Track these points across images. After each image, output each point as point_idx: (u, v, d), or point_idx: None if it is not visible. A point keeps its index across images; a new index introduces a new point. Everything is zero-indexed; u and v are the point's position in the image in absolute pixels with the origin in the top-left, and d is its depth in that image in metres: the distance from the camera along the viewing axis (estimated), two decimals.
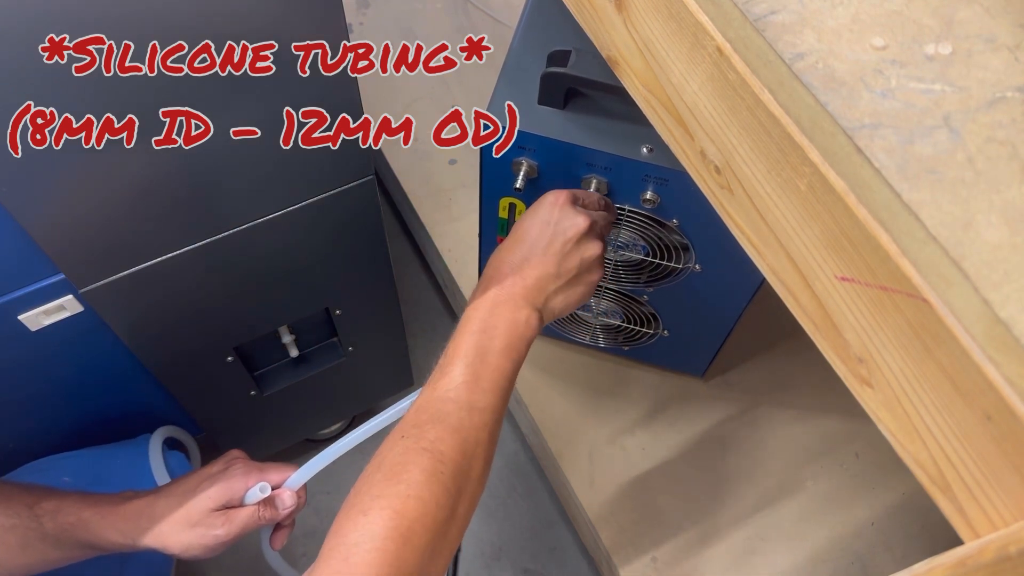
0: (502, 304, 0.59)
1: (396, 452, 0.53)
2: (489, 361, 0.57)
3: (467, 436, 0.54)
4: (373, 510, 0.49)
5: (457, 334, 0.59)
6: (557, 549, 1.16)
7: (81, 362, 0.80)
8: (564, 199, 0.64)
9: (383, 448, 0.54)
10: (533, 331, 0.60)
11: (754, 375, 1.09)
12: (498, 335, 0.58)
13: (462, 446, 0.54)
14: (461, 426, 0.54)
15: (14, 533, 0.66)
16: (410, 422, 0.55)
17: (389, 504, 0.49)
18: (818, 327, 0.41)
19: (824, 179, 0.37)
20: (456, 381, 0.56)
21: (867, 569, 0.96)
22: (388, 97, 1.32)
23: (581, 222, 0.63)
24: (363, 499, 0.51)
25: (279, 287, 0.83)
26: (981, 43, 0.38)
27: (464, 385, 0.56)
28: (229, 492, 0.70)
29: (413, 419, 0.55)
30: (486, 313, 0.59)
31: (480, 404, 0.56)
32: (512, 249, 0.63)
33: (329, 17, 0.59)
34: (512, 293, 0.60)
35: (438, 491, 0.51)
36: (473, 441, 0.55)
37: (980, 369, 0.31)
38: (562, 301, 0.63)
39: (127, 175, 0.62)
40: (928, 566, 0.34)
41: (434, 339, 1.32)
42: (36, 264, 0.65)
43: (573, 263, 0.63)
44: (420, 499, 0.50)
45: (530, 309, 0.60)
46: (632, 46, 0.49)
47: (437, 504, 0.51)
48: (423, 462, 0.52)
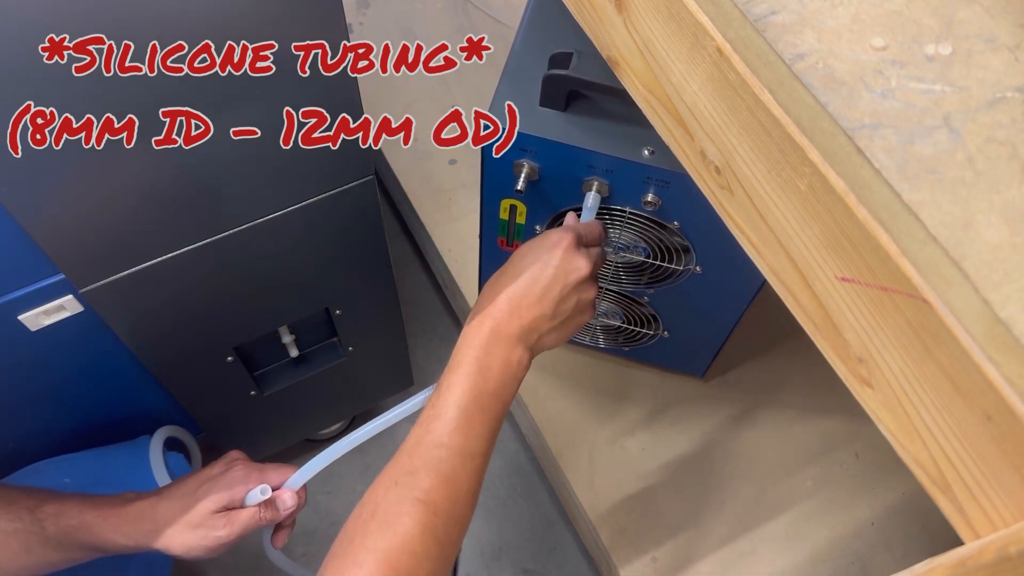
0: (497, 343, 0.60)
1: (391, 501, 0.54)
2: (483, 403, 0.58)
3: (459, 485, 0.55)
4: (368, 564, 0.50)
5: (452, 372, 0.59)
6: (557, 549, 1.16)
7: (81, 362, 0.80)
8: (568, 242, 0.64)
9: (377, 492, 0.55)
10: (524, 371, 0.61)
11: (754, 375, 1.09)
12: (492, 376, 0.59)
13: (455, 495, 0.55)
14: (454, 475, 0.55)
15: (16, 537, 0.66)
16: (404, 468, 0.55)
17: (385, 559, 0.51)
18: (818, 327, 0.41)
19: (824, 179, 0.37)
20: (450, 426, 0.56)
21: (867, 569, 0.96)
22: (388, 97, 1.32)
23: (583, 267, 0.63)
24: (358, 551, 0.52)
25: (279, 287, 0.83)
26: (981, 43, 0.38)
27: (459, 431, 0.56)
28: (230, 494, 0.71)
29: (407, 464, 0.56)
30: (481, 352, 0.59)
31: (472, 450, 0.57)
32: (511, 284, 0.62)
33: (329, 17, 0.59)
34: (508, 332, 0.60)
35: (431, 544, 0.53)
36: (465, 489, 0.56)
37: (980, 369, 0.31)
38: (553, 340, 0.64)
39: (127, 175, 0.62)
40: (928, 566, 0.34)
41: (434, 339, 1.32)
42: (36, 264, 0.65)
43: (569, 306, 0.63)
44: (414, 553, 0.51)
45: (523, 349, 0.61)
46: (632, 46, 0.49)
47: (429, 557, 0.52)
48: (417, 514, 0.53)
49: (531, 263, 0.63)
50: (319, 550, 1.17)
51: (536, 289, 0.62)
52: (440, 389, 0.58)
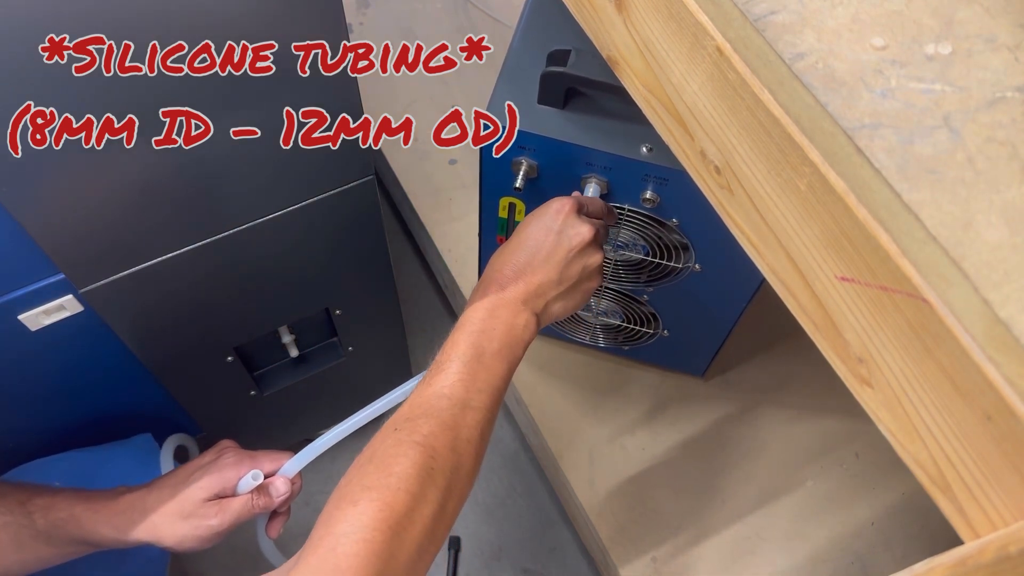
0: (502, 307, 0.60)
1: (389, 444, 0.53)
2: (485, 362, 0.58)
3: (459, 433, 0.55)
4: (363, 501, 0.49)
5: (455, 333, 0.59)
6: (557, 549, 1.16)
7: (81, 362, 0.80)
8: (570, 207, 0.64)
9: (376, 439, 0.54)
10: (531, 335, 0.61)
11: (754, 375, 1.09)
12: (496, 337, 0.59)
13: (454, 443, 0.54)
14: (455, 423, 0.55)
15: (6, 531, 0.66)
16: (404, 415, 0.55)
17: (380, 496, 0.49)
18: (818, 327, 0.41)
19: (824, 179, 0.37)
20: (452, 379, 0.57)
21: (867, 569, 0.96)
22: (388, 97, 1.32)
23: (586, 231, 0.64)
24: (354, 489, 0.51)
25: (279, 287, 0.83)
26: (981, 43, 0.38)
27: (460, 383, 0.57)
28: (221, 481, 0.69)
29: (407, 412, 0.55)
30: (486, 314, 0.60)
31: (474, 403, 0.56)
32: (515, 252, 0.63)
33: (329, 17, 0.59)
34: (513, 297, 0.61)
35: (428, 486, 0.52)
36: (465, 439, 0.55)
37: (980, 369, 0.31)
38: (561, 307, 0.64)
39: (127, 175, 0.62)
40: (928, 566, 0.34)
41: (434, 339, 1.32)
42: (36, 264, 0.65)
43: (575, 271, 0.64)
44: (410, 493, 0.50)
45: (529, 313, 0.61)
46: (632, 46, 0.49)
47: (427, 499, 0.51)
48: (415, 456, 0.52)
49: (534, 231, 0.63)
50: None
51: (541, 254, 0.62)
52: (444, 350, 0.58)
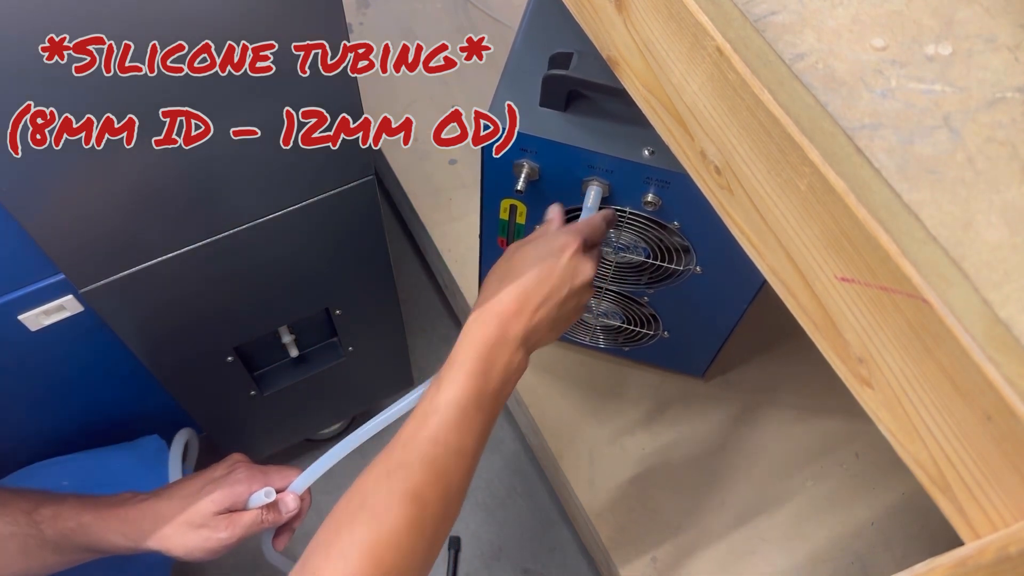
0: (503, 346, 0.60)
1: (381, 492, 0.53)
2: (482, 404, 0.58)
3: (451, 481, 0.55)
4: (353, 556, 0.50)
5: (454, 366, 0.58)
6: (557, 549, 1.16)
7: (81, 362, 0.80)
8: (577, 245, 0.64)
9: (367, 482, 0.55)
10: (523, 372, 0.62)
11: (754, 375, 1.09)
12: (494, 377, 0.59)
13: (445, 492, 0.55)
14: (447, 471, 0.55)
15: (13, 540, 0.66)
16: (397, 460, 0.55)
17: (371, 551, 0.50)
18: (818, 327, 0.41)
19: (824, 179, 0.37)
20: (448, 424, 0.56)
21: (867, 569, 0.96)
22: (388, 97, 1.32)
23: (589, 271, 0.64)
24: (344, 541, 0.51)
25: (279, 287, 0.83)
26: (981, 43, 0.38)
27: (455, 429, 0.56)
28: (233, 496, 0.70)
29: (400, 456, 0.55)
30: (486, 351, 0.59)
31: (468, 448, 0.57)
32: (518, 282, 0.62)
33: (329, 17, 0.59)
34: (515, 335, 0.60)
35: (417, 539, 0.52)
36: (456, 487, 0.56)
37: (980, 369, 0.31)
38: (547, 339, 0.64)
39: (127, 175, 0.62)
40: (928, 566, 0.34)
41: (434, 339, 1.32)
42: (36, 264, 0.65)
43: (570, 307, 0.64)
44: (399, 548, 0.51)
45: (524, 352, 0.61)
46: (632, 46, 0.49)
47: (415, 552, 0.52)
48: (407, 508, 0.52)
49: (538, 263, 0.63)
50: None
51: (543, 290, 0.62)
52: (441, 383, 0.58)
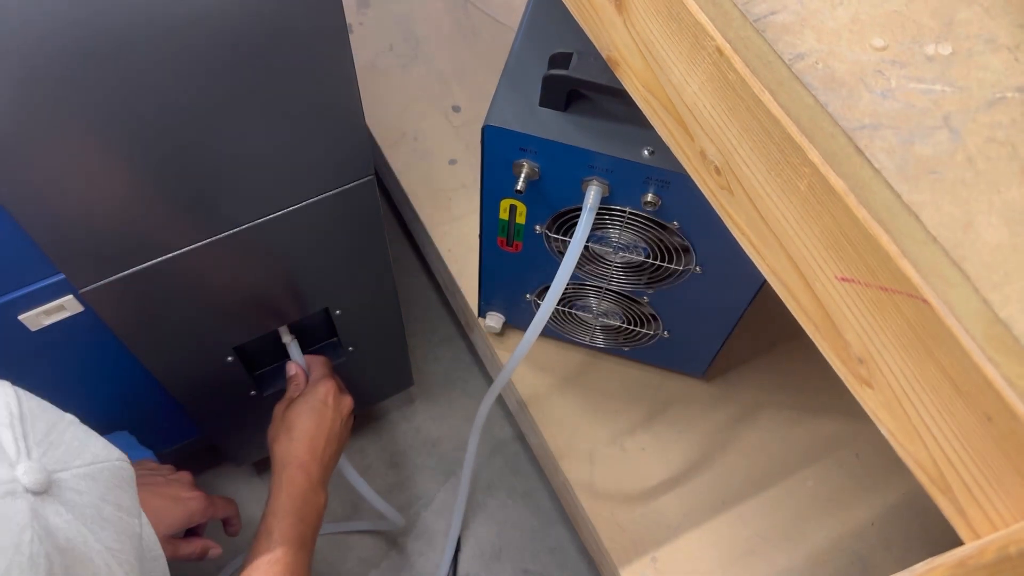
0: (312, 493, 0.76)
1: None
2: (307, 545, 0.74)
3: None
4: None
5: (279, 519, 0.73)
6: (557, 549, 1.16)
7: (81, 362, 0.80)
8: (335, 387, 0.85)
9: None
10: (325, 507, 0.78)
11: (754, 375, 1.09)
12: (312, 522, 0.75)
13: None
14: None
15: None
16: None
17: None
18: (818, 327, 0.41)
19: (824, 180, 0.37)
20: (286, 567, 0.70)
21: (867, 569, 0.96)
22: (388, 97, 1.32)
23: (349, 401, 0.87)
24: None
25: (279, 287, 0.83)
26: (981, 43, 0.38)
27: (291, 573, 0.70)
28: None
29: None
30: (301, 503, 0.74)
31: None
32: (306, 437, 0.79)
33: (329, 17, 0.59)
34: (318, 480, 0.78)
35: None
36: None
37: (980, 369, 0.31)
38: (333, 464, 0.83)
39: (126, 175, 0.62)
40: (928, 566, 0.34)
41: (434, 339, 1.32)
42: (36, 264, 0.65)
43: (347, 431, 0.86)
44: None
45: (325, 490, 0.79)
46: (632, 46, 0.49)
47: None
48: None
49: (311, 413, 0.81)
50: None
51: (323, 434, 0.81)
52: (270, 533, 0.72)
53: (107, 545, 0.45)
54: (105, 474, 0.47)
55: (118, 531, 0.46)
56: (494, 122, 0.73)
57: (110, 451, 0.49)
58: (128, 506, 0.48)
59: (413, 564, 1.14)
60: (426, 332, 1.33)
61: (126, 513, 0.48)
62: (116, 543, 0.45)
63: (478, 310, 1.07)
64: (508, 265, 0.93)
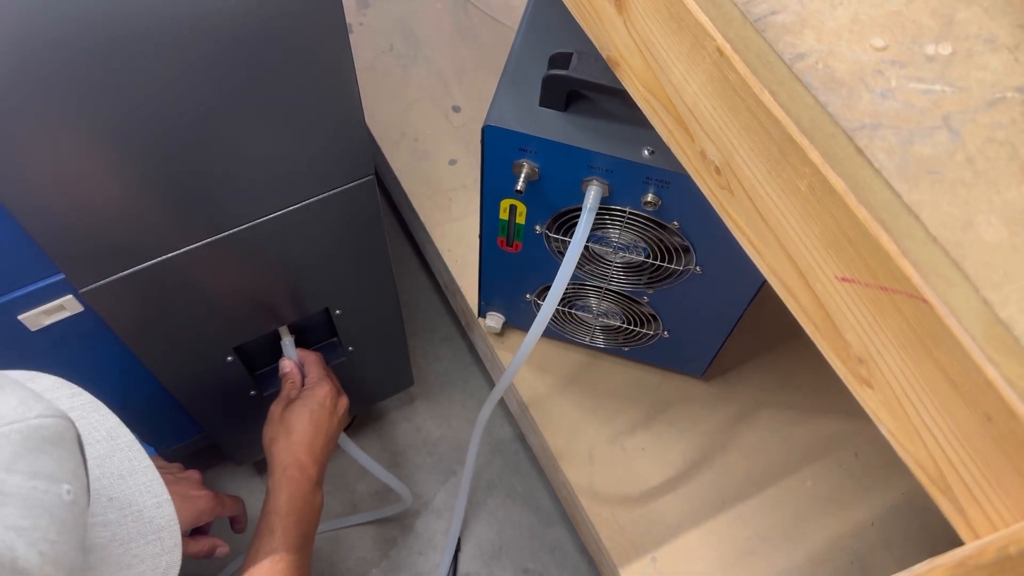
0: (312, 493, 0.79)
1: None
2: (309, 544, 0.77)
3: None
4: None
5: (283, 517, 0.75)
6: (557, 549, 1.16)
7: (81, 362, 0.80)
8: (334, 391, 0.87)
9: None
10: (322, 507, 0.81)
11: (754, 375, 1.09)
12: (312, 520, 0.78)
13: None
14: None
15: None
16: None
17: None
18: (818, 327, 0.41)
19: (824, 180, 0.37)
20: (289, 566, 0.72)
21: (867, 569, 0.96)
22: (388, 98, 1.32)
23: (346, 401, 0.88)
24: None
25: (279, 287, 0.83)
26: (981, 43, 0.38)
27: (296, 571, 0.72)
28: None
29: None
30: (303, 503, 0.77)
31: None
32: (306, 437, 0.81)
33: (329, 17, 0.59)
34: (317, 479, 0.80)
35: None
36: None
37: (980, 369, 0.31)
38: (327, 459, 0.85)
39: (127, 175, 0.62)
40: (928, 566, 0.34)
41: (434, 339, 1.32)
42: (36, 264, 0.65)
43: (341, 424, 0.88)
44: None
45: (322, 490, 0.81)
46: (632, 46, 0.49)
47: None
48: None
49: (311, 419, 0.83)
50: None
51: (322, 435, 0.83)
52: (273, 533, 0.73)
53: (9, 524, 0.37)
54: (14, 437, 0.39)
55: (28, 505, 0.38)
56: (494, 122, 0.73)
57: (27, 408, 0.41)
58: (51, 472, 0.40)
59: (413, 563, 1.14)
60: (426, 332, 1.33)
61: (45, 481, 0.39)
62: (25, 519, 0.38)
63: (478, 310, 1.07)
64: (508, 265, 0.93)
